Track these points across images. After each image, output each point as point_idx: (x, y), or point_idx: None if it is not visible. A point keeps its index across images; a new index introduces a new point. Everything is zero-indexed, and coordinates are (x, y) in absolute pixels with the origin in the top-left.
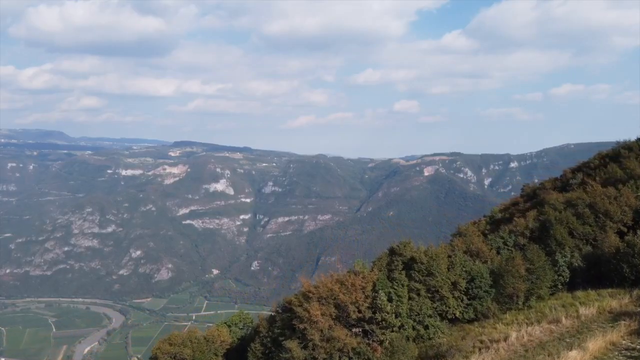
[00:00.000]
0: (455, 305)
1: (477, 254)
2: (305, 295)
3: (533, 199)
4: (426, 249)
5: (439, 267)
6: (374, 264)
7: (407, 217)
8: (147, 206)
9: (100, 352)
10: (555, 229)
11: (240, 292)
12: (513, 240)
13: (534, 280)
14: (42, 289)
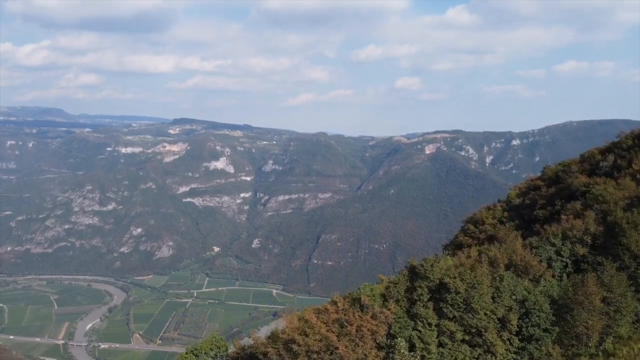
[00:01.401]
0: (504, 353)
1: (524, 269)
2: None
3: (557, 184)
4: (461, 268)
5: (482, 299)
6: (387, 290)
7: (407, 196)
8: (147, 184)
9: (102, 329)
10: (629, 236)
11: (241, 269)
12: (569, 250)
13: (612, 314)
14: (43, 266)
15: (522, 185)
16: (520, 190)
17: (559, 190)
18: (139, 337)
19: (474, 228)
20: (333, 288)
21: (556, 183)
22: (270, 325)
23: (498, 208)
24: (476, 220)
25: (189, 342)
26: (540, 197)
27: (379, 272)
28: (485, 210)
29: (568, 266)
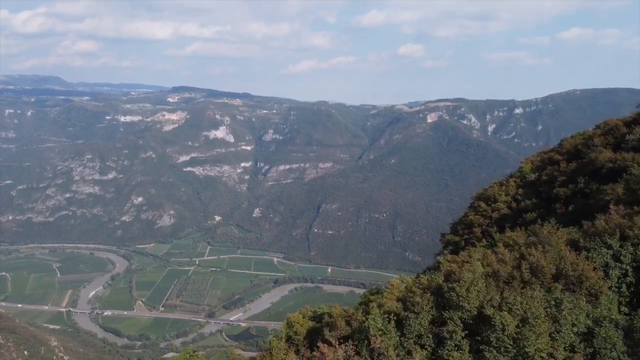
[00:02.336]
0: None
1: (577, 281)
2: None
3: (578, 158)
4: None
5: (539, 339)
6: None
7: (408, 165)
8: (147, 153)
9: (105, 296)
10: None
11: (242, 238)
12: (630, 255)
13: None
14: (45, 235)
15: (534, 158)
16: (534, 164)
17: (580, 165)
18: (142, 304)
19: (485, 206)
20: (333, 256)
21: (576, 157)
22: (271, 293)
23: (511, 184)
24: (487, 197)
25: (192, 309)
26: (560, 173)
27: (379, 242)
28: (497, 186)
29: (628, 275)
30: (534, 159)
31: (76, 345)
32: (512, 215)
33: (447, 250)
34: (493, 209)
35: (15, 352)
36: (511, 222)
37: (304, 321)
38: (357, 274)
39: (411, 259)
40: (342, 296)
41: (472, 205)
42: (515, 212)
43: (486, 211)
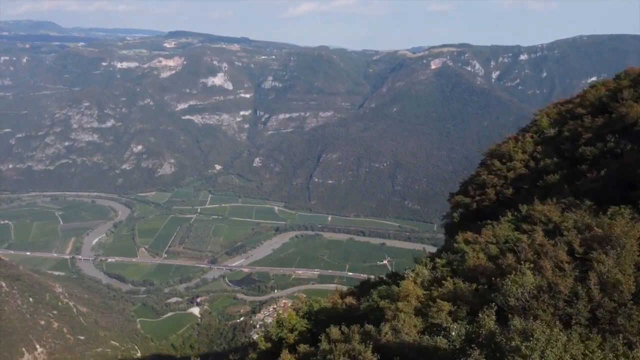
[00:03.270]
0: None
1: None
2: None
3: (603, 112)
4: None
5: None
6: None
7: (410, 113)
8: (145, 100)
9: (108, 244)
10: None
11: (243, 187)
12: None
13: None
14: (46, 183)
15: (550, 110)
16: (549, 116)
17: (609, 122)
18: (145, 251)
19: (499, 164)
20: (333, 205)
21: (601, 111)
22: (272, 240)
23: (528, 139)
24: (501, 154)
25: (194, 256)
26: (584, 129)
27: (379, 191)
28: (512, 142)
29: None
30: (549, 111)
31: (81, 291)
32: (530, 175)
33: (456, 212)
34: (508, 168)
35: (20, 299)
36: (529, 183)
37: (296, 320)
38: (356, 222)
39: (410, 208)
40: (342, 243)
41: (484, 163)
42: (533, 173)
43: (500, 170)
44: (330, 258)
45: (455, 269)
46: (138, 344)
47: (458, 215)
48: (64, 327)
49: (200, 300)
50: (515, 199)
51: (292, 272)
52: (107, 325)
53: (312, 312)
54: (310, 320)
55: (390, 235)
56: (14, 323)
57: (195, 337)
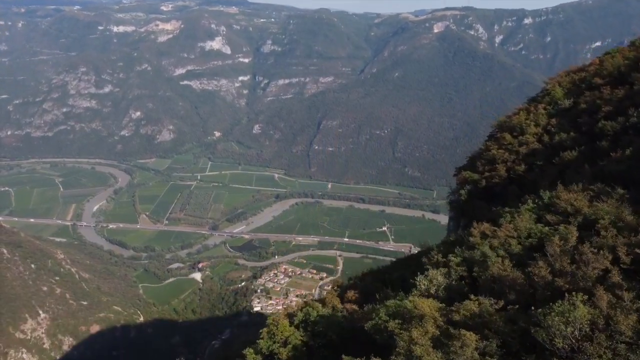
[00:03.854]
0: None
1: None
2: None
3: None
4: None
5: None
6: None
7: (412, 79)
8: (143, 65)
9: (108, 210)
10: None
11: (242, 154)
12: None
13: None
14: (45, 149)
15: (562, 79)
16: (562, 85)
17: (630, 93)
18: (146, 218)
19: (510, 138)
20: (333, 173)
21: (621, 82)
22: (272, 207)
23: (540, 111)
24: (512, 126)
25: (195, 222)
26: (604, 102)
27: (379, 158)
28: (523, 114)
29: None
30: (561, 80)
31: (82, 257)
32: (545, 151)
33: (464, 189)
34: (520, 143)
35: (22, 265)
36: (543, 160)
37: (290, 331)
38: (356, 189)
39: (410, 175)
40: (342, 210)
41: (494, 136)
42: (548, 148)
43: (512, 145)
44: (330, 225)
45: (476, 276)
46: (140, 309)
47: (465, 193)
48: (67, 292)
49: (201, 266)
50: (528, 177)
51: (292, 239)
52: (110, 291)
53: (308, 322)
54: (307, 331)
55: (390, 202)
56: (16, 289)
57: (197, 301)
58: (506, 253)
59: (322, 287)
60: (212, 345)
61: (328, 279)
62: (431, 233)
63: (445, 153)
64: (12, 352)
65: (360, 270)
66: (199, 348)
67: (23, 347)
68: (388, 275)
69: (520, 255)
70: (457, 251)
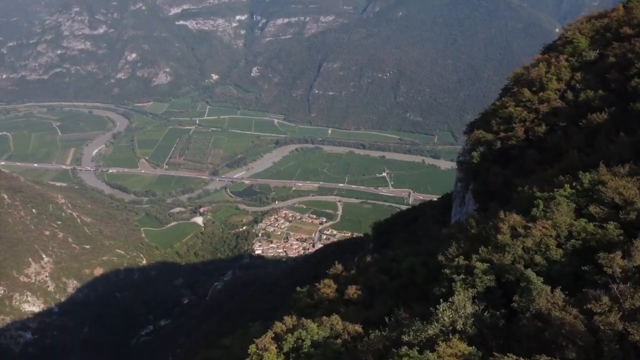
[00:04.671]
0: None
1: None
2: None
3: None
4: None
5: None
6: None
7: (416, 18)
8: (137, 5)
9: (108, 155)
10: None
11: (241, 98)
12: None
13: None
14: (41, 93)
15: (582, 25)
16: (583, 33)
17: None
18: (146, 162)
19: (529, 94)
20: (334, 118)
21: None
22: (272, 153)
23: (562, 63)
24: (531, 80)
25: (195, 167)
26: (636, 56)
27: (381, 103)
28: (543, 66)
29: None
30: (581, 27)
31: (84, 201)
32: (568, 110)
33: (476, 151)
34: (540, 100)
35: (23, 210)
36: (567, 120)
37: None
38: (357, 135)
39: (412, 120)
40: (342, 156)
41: (510, 90)
42: (572, 107)
43: (531, 102)
44: (329, 171)
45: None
46: (143, 252)
47: (478, 155)
48: (69, 236)
49: (203, 211)
50: (549, 140)
51: (293, 185)
52: (112, 235)
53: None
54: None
55: (391, 147)
56: (19, 234)
57: (199, 245)
58: (546, 261)
59: (321, 232)
60: (214, 286)
61: (327, 223)
62: (430, 178)
63: (448, 97)
64: (17, 296)
65: (359, 216)
66: (202, 289)
67: (28, 291)
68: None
69: (564, 265)
70: (482, 252)
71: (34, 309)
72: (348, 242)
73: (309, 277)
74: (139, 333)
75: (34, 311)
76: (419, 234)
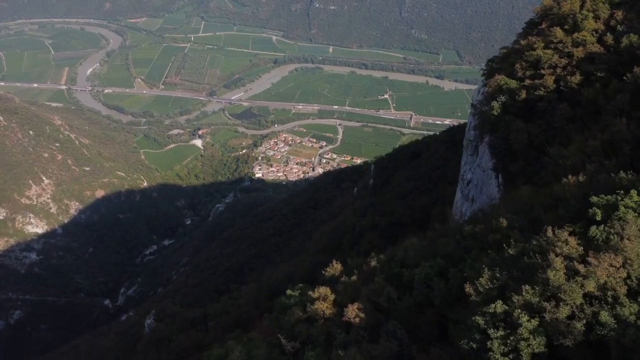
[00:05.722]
0: None
1: None
2: None
3: None
4: None
5: None
6: None
7: None
8: None
9: (103, 74)
10: None
11: (237, 13)
12: None
13: None
14: (32, 9)
15: None
16: None
17: None
18: (141, 82)
19: (561, 34)
20: (335, 35)
21: None
22: (270, 73)
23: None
24: (562, 17)
25: (192, 88)
26: None
27: (385, 18)
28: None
29: None
30: None
31: (81, 122)
32: (608, 58)
33: (497, 101)
34: (575, 42)
35: (20, 132)
36: (606, 71)
37: None
38: (359, 53)
39: (417, 37)
40: (343, 77)
41: (536, 25)
42: (612, 54)
43: (563, 43)
44: (330, 92)
45: None
46: (144, 174)
47: (499, 106)
48: (68, 159)
49: (201, 133)
50: (584, 93)
51: (292, 107)
52: (111, 157)
53: None
54: None
55: (394, 67)
56: (17, 157)
57: (199, 167)
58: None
59: (321, 156)
60: (216, 208)
61: (327, 147)
62: (434, 100)
63: (455, 12)
64: (20, 218)
65: (359, 139)
66: (204, 210)
67: (30, 213)
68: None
69: None
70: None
71: (38, 230)
72: (347, 170)
73: (307, 206)
74: (143, 252)
75: (38, 232)
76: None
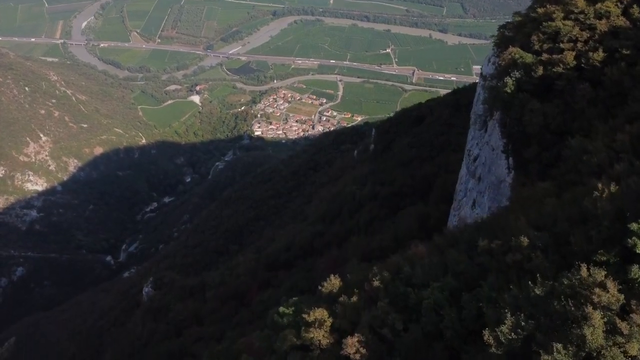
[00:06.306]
0: None
1: None
2: None
3: None
4: None
5: None
6: None
7: None
8: None
9: (98, 27)
10: None
11: None
12: None
13: None
14: None
15: None
16: None
17: None
18: (137, 35)
19: (584, 4)
20: None
21: None
22: (269, 26)
23: None
24: None
25: (189, 41)
26: None
27: None
28: None
29: None
30: None
31: (77, 78)
32: (634, 33)
33: (511, 77)
34: (598, 14)
35: (15, 89)
36: (633, 47)
37: None
38: (361, 5)
39: None
40: (344, 30)
41: None
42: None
43: (586, 15)
44: (331, 46)
45: None
46: (142, 131)
47: (513, 83)
48: (65, 115)
49: (199, 89)
50: (608, 73)
51: (292, 62)
52: (109, 113)
53: None
54: None
55: (397, 20)
56: (14, 114)
57: (198, 124)
58: None
59: (321, 113)
60: (216, 166)
61: (328, 104)
62: (437, 55)
63: None
64: (19, 175)
65: (360, 96)
66: (204, 168)
67: (29, 170)
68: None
69: None
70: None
71: (37, 187)
72: (347, 131)
73: (307, 168)
74: (144, 210)
75: (37, 190)
76: (423, 137)
